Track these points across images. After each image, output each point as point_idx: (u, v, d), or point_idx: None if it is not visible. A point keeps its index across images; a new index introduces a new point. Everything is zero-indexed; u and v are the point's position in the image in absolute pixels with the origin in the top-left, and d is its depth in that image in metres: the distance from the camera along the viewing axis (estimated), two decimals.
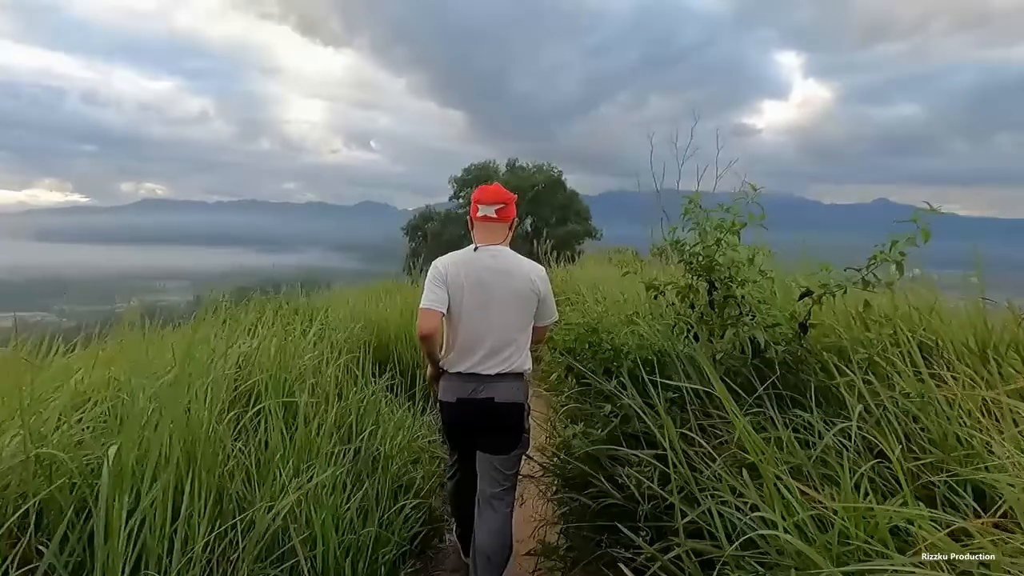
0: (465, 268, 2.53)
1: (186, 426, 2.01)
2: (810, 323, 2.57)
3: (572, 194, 30.89)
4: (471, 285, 2.51)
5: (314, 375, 3.18)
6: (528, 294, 2.55)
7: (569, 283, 8.05)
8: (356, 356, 4.16)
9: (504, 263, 2.56)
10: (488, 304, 2.51)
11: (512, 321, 2.54)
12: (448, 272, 2.53)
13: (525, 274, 2.56)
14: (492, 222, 2.60)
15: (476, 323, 2.52)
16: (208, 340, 3.11)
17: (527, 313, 2.59)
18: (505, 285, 2.52)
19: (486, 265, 2.53)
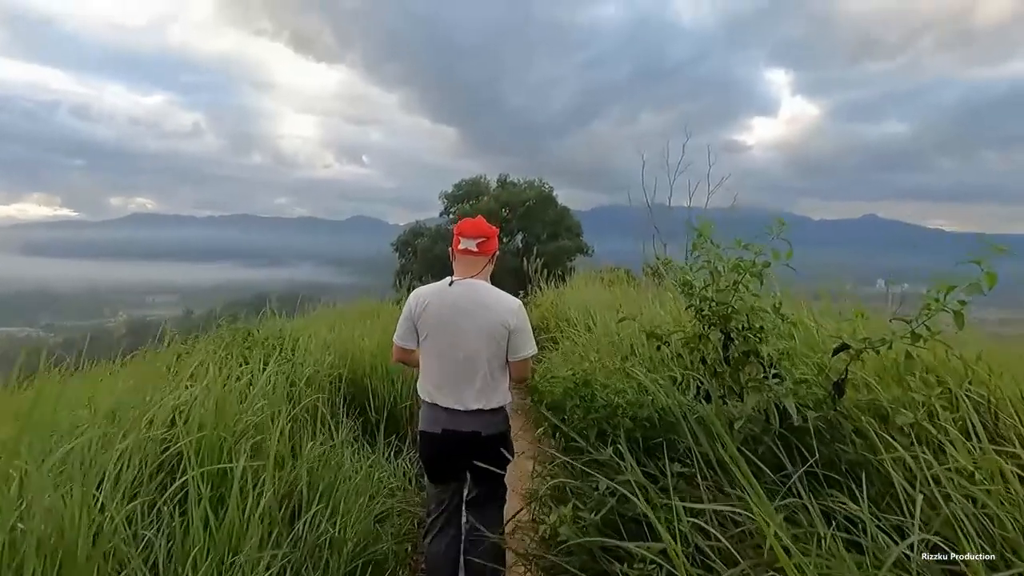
0: (437, 302, 2.58)
1: (71, 519, 1.58)
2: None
3: (563, 210, 30.64)
4: (441, 320, 2.56)
5: (261, 431, 2.69)
6: (498, 328, 2.54)
7: (560, 307, 7.61)
8: (322, 397, 3.82)
9: (476, 297, 2.57)
10: (458, 338, 2.54)
11: (483, 355, 2.54)
12: (419, 307, 2.61)
13: (496, 308, 2.56)
14: (472, 255, 2.64)
15: (447, 357, 2.57)
16: (143, 386, 2.76)
17: (498, 347, 2.56)
18: (475, 319, 2.54)
19: (457, 299, 2.57)
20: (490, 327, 2.53)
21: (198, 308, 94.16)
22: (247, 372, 3.46)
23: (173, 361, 4.16)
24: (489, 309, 2.55)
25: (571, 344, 5.61)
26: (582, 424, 2.67)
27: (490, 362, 2.55)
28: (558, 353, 5.84)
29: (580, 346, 5.39)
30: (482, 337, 2.53)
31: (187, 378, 3.30)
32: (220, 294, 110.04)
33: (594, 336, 5.34)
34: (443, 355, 2.56)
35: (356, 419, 4.34)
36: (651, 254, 11.86)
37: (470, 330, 2.53)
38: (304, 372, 4.01)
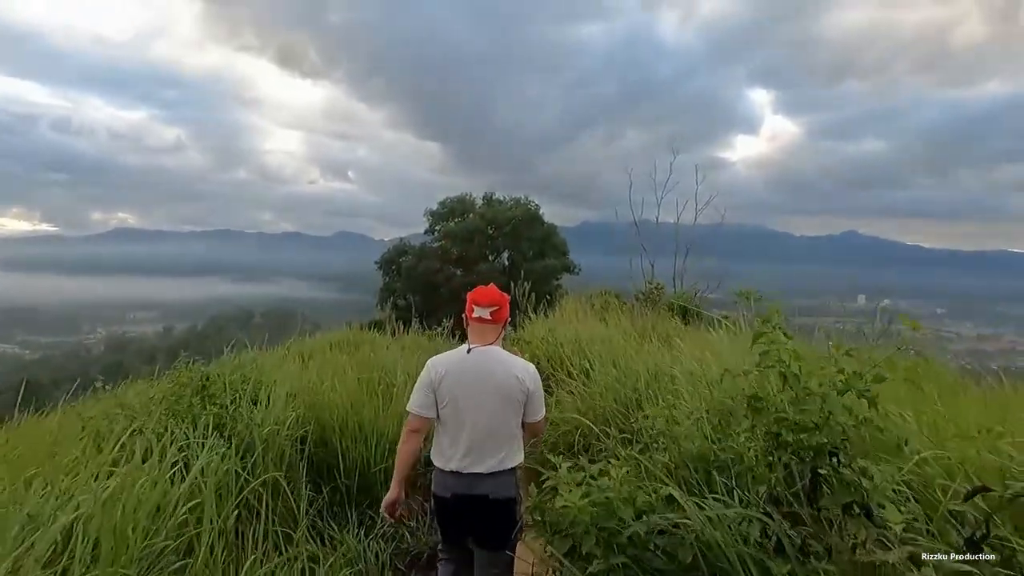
0: (456, 370, 2.67)
1: None
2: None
3: (550, 228, 30.69)
4: (460, 387, 2.64)
5: (177, 553, 2.21)
6: (517, 395, 2.66)
7: (552, 344, 7.03)
8: (287, 457, 3.50)
9: (494, 365, 2.68)
10: (477, 405, 2.63)
11: (501, 421, 2.65)
12: (438, 375, 2.67)
13: (514, 375, 2.66)
14: (486, 323, 2.74)
15: (466, 424, 2.63)
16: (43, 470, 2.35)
17: (516, 413, 2.68)
18: (494, 387, 2.64)
19: (476, 368, 2.66)
20: (509, 393, 2.64)
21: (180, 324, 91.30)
22: (193, 440, 3.11)
23: (99, 427, 3.59)
24: (507, 376, 2.66)
25: (568, 396, 5.07)
26: (602, 564, 2.03)
27: (507, 426, 2.67)
28: (553, 402, 5.23)
29: (579, 398, 4.92)
30: (501, 403, 2.64)
31: (106, 460, 2.82)
32: (203, 310, 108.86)
33: (594, 385, 4.88)
34: (461, 421, 2.64)
35: (324, 486, 3.92)
36: (638, 270, 11.94)
37: (490, 396, 2.63)
38: (261, 434, 3.55)
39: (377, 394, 4.67)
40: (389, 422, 4.37)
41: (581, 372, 5.42)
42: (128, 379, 6.08)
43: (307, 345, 8.90)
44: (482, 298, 2.78)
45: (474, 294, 2.81)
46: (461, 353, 2.72)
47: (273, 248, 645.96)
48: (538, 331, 8.00)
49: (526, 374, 2.70)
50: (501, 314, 2.79)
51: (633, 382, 4.36)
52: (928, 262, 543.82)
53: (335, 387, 4.72)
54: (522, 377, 2.67)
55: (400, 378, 5.24)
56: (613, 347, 5.76)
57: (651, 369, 4.35)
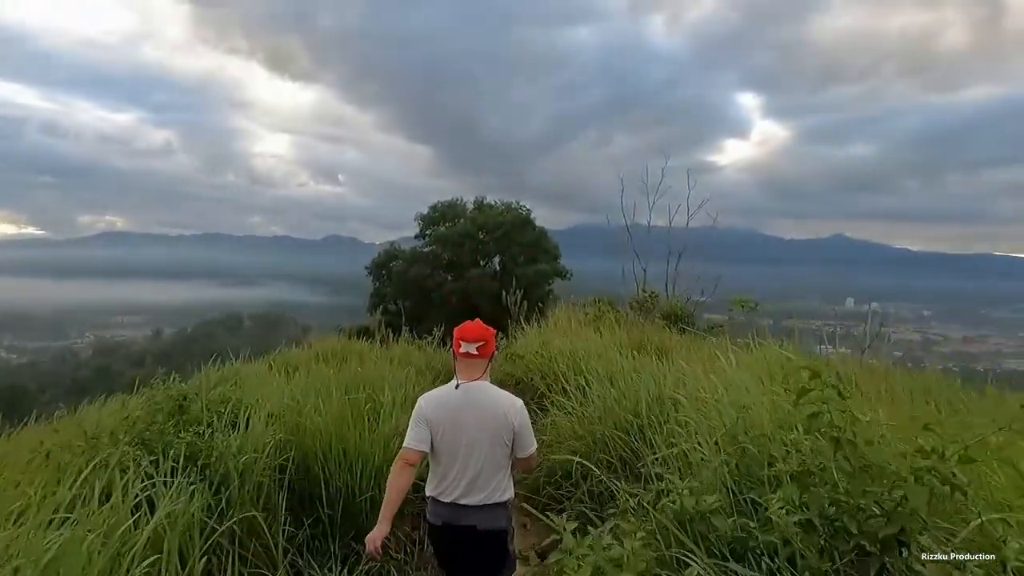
0: (447, 406, 2.75)
1: None
2: None
3: (541, 232, 30.46)
4: (451, 421, 2.72)
5: None
6: (505, 428, 2.73)
7: (546, 357, 6.71)
8: (265, 486, 3.26)
9: (481, 400, 2.75)
10: (468, 441, 2.70)
11: (489, 455, 2.71)
12: (430, 411, 2.75)
13: (501, 411, 2.73)
14: (473, 358, 2.79)
15: (457, 458, 2.70)
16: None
17: (504, 447, 2.75)
18: (482, 423, 2.71)
19: (465, 403, 2.73)
20: (497, 427, 2.72)
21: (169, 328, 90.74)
22: (161, 476, 2.87)
23: (59, 461, 3.27)
24: (495, 411, 2.73)
25: (565, 419, 4.81)
26: None
27: (495, 459, 2.73)
28: (548, 423, 5.09)
29: (576, 420, 4.66)
30: (489, 437, 2.71)
31: (63, 501, 2.55)
32: (192, 313, 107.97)
33: (591, 405, 4.65)
34: (452, 454, 2.71)
35: (306, 518, 3.68)
36: (631, 274, 12.01)
37: (478, 430, 2.70)
38: (238, 465, 3.29)
39: (363, 415, 4.42)
40: (376, 447, 4.13)
41: (577, 389, 5.17)
42: (115, 386, 5.83)
43: (293, 356, 8.64)
44: (468, 334, 2.83)
45: (460, 330, 2.86)
46: (450, 389, 2.79)
47: (263, 251, 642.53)
48: (531, 344, 7.72)
49: (512, 410, 2.76)
50: (487, 349, 2.83)
51: (633, 404, 4.13)
52: (915, 265, 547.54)
53: (319, 407, 4.45)
54: (509, 413, 2.74)
55: (388, 396, 4.98)
56: (609, 362, 5.54)
57: (652, 392, 4.12)
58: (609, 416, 4.20)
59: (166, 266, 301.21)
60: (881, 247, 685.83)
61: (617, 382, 4.65)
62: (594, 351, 6.33)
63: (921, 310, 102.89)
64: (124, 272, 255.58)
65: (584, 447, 4.08)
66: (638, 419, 3.92)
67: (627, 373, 4.93)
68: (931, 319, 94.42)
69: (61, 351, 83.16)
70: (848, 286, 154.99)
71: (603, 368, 5.36)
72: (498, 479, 2.75)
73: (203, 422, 3.85)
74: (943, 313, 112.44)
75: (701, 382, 3.75)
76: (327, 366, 7.58)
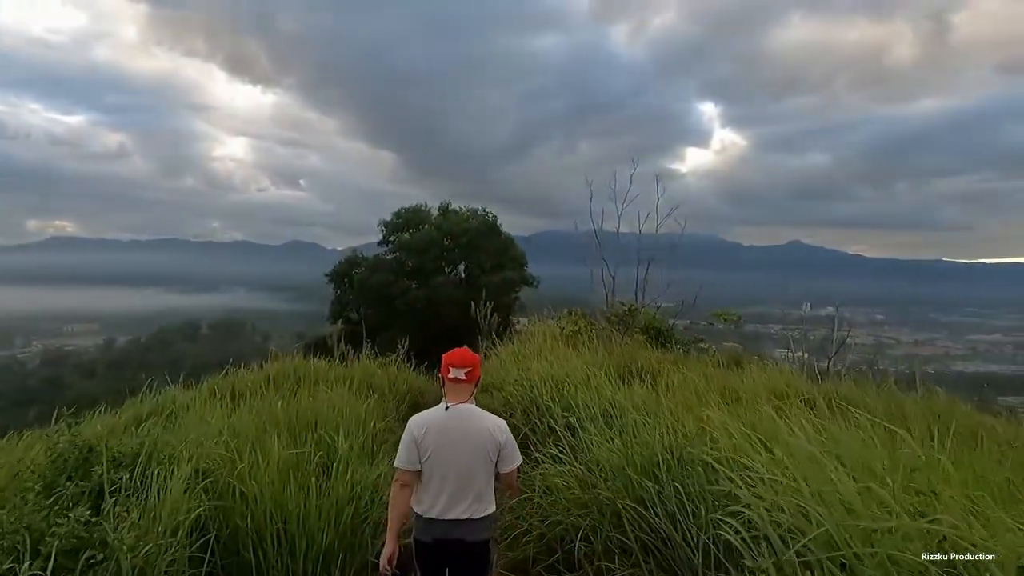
0: (436, 427, 2.88)
1: None
2: None
3: (507, 239, 29.92)
4: (441, 442, 2.85)
5: None
6: (491, 448, 2.89)
7: (525, 387, 5.90)
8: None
9: (470, 421, 2.91)
10: (456, 459, 2.84)
11: (476, 473, 2.86)
12: (420, 432, 2.87)
13: (488, 431, 2.90)
14: (462, 383, 2.95)
15: (446, 475, 2.84)
16: None
17: (489, 464, 2.90)
18: (470, 442, 2.87)
19: (454, 424, 2.88)
20: (484, 445, 2.87)
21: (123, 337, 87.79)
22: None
23: None
24: (482, 431, 2.89)
25: (559, 475, 3.99)
26: None
27: (482, 476, 2.89)
28: (538, 476, 4.23)
29: (577, 487, 3.80)
30: (476, 456, 2.86)
31: None
32: (147, 321, 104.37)
33: (588, 453, 3.94)
34: (442, 473, 2.84)
35: None
36: (599, 281, 11.56)
37: (466, 450, 2.85)
38: (136, 561, 2.52)
39: (312, 474, 3.63)
40: (326, 519, 3.34)
41: (566, 428, 4.44)
42: (65, 397, 4.91)
43: (240, 380, 7.72)
44: (457, 360, 2.98)
45: (450, 357, 3.00)
46: (440, 411, 2.92)
47: (221, 257, 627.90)
48: (507, 368, 6.87)
49: (498, 429, 2.93)
50: (474, 374, 3.00)
51: (645, 458, 3.39)
52: (869, 271, 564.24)
53: (258, 464, 3.60)
54: (495, 432, 2.91)
55: (343, 445, 4.18)
56: (599, 393, 4.84)
57: (667, 443, 3.41)
58: (618, 477, 3.45)
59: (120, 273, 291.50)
60: (836, 253, 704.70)
61: (613, 421, 3.97)
62: (579, 377, 5.61)
63: (874, 314, 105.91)
64: (75, 279, 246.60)
65: (589, 520, 3.34)
66: (657, 484, 3.18)
67: (622, 408, 4.26)
68: (884, 323, 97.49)
69: (7, 361, 79.25)
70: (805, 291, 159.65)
71: (593, 401, 4.66)
72: (486, 494, 2.91)
73: (106, 484, 3.03)
74: (895, 317, 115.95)
75: (729, 430, 3.08)
76: (277, 392, 6.76)
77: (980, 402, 6.19)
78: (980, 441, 3.63)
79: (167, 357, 74.98)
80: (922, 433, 2.55)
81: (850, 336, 9.34)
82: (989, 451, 3.23)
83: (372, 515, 3.73)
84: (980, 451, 3.19)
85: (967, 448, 3.03)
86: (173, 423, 5.25)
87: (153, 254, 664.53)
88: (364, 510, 3.72)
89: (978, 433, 4.12)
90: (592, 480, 3.57)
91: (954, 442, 2.56)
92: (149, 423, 5.53)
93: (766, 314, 33.18)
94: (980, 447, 3.38)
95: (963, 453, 2.72)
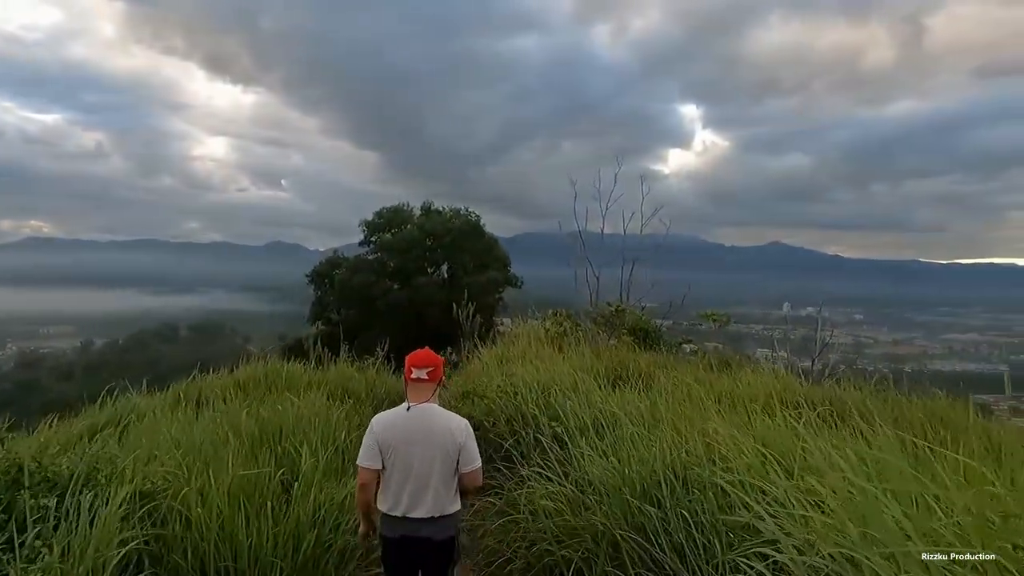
0: (397, 426, 2.94)
1: None
2: None
3: (491, 240, 29.57)
4: (402, 441, 2.91)
5: None
6: (451, 445, 2.92)
7: (509, 394, 5.49)
8: None
9: (431, 420, 2.96)
10: (418, 458, 2.89)
11: (439, 471, 2.91)
12: (382, 431, 2.94)
13: (449, 431, 2.95)
14: (423, 383, 3.00)
15: (410, 475, 2.88)
16: None
17: (451, 461, 2.93)
18: (431, 441, 2.91)
19: (416, 424, 2.93)
20: (445, 446, 2.91)
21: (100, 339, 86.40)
22: None
23: None
24: (444, 431, 2.94)
25: (547, 497, 3.59)
26: None
27: (444, 475, 2.92)
28: (523, 497, 3.85)
29: (565, 501, 3.47)
30: (438, 454, 2.90)
31: None
32: (124, 323, 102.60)
33: (578, 470, 3.60)
34: (404, 471, 2.89)
35: None
36: (583, 281, 11.44)
37: (427, 449, 2.90)
38: None
39: (269, 497, 3.23)
40: (284, 547, 2.97)
41: (553, 440, 4.06)
42: (40, 400, 4.50)
43: (208, 386, 7.27)
44: (419, 361, 3.03)
45: (412, 358, 3.05)
46: (402, 410, 2.98)
47: (201, 258, 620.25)
48: (490, 373, 6.44)
49: (459, 429, 2.98)
50: (436, 374, 3.05)
51: (645, 476, 3.03)
52: (847, 271, 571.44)
53: (211, 483, 3.19)
54: (455, 432, 2.95)
55: (306, 463, 3.77)
56: (589, 399, 4.48)
57: (669, 461, 3.04)
58: (614, 500, 3.04)
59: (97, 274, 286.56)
60: (815, 254, 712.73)
61: (606, 433, 3.61)
62: (567, 382, 5.24)
63: (853, 314, 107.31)
64: (51, 280, 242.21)
65: (582, 550, 2.97)
66: (659, 510, 2.78)
67: (614, 418, 3.91)
68: (862, 323, 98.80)
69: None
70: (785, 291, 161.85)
71: (583, 409, 4.30)
72: (448, 493, 2.95)
73: (28, 511, 2.60)
74: (873, 317, 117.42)
75: (740, 447, 2.72)
76: (247, 397, 6.35)
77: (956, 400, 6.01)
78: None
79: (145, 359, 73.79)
80: (969, 452, 2.22)
81: (832, 336, 9.20)
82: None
83: (337, 543, 3.35)
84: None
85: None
86: (129, 434, 4.84)
87: (131, 255, 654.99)
88: (328, 536, 3.33)
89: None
90: (584, 501, 3.19)
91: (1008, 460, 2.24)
92: (105, 433, 5.13)
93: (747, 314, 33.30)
94: None
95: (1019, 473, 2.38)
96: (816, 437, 2.53)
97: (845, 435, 2.80)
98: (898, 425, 4.03)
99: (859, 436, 2.79)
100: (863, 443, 2.56)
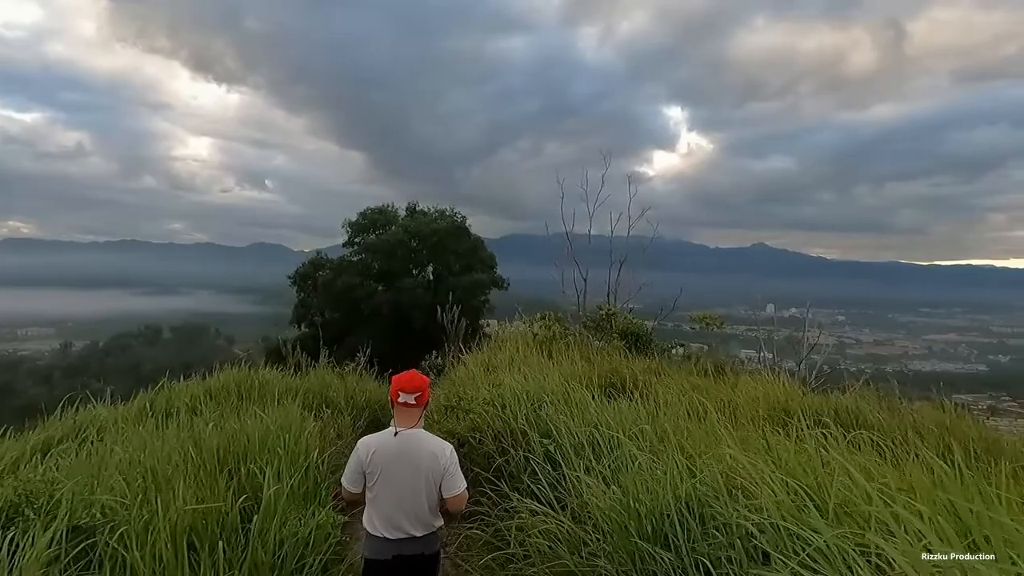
0: (384, 450, 2.99)
1: None
2: None
3: (477, 241, 29.18)
4: (388, 465, 2.97)
5: None
6: (436, 471, 2.97)
7: (496, 407, 5.08)
8: None
9: (416, 445, 2.99)
10: (403, 481, 2.94)
11: (424, 494, 2.96)
12: (368, 454, 2.99)
13: (433, 455, 2.99)
14: (411, 407, 3.04)
15: (392, 497, 2.95)
16: None
17: (435, 485, 2.98)
18: (416, 464, 2.96)
19: (402, 449, 2.98)
20: (429, 471, 2.94)
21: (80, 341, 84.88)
22: None
23: None
24: (429, 456, 2.96)
25: (542, 533, 3.27)
26: None
27: (429, 498, 2.96)
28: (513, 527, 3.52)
29: (563, 537, 3.14)
30: (423, 479, 2.93)
31: None
32: (105, 325, 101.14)
33: (576, 497, 3.27)
34: (391, 494, 2.94)
35: None
36: (570, 283, 11.19)
37: (413, 473, 2.93)
38: None
39: (225, 529, 2.86)
40: None
41: (546, 461, 3.71)
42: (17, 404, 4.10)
43: (177, 394, 6.83)
44: (407, 385, 3.03)
45: (399, 381, 3.05)
46: (389, 435, 3.00)
47: (184, 259, 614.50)
48: (477, 383, 6.03)
49: (444, 454, 2.99)
50: (423, 398, 3.06)
51: (654, 508, 2.63)
52: (829, 272, 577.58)
53: (158, 516, 2.79)
54: (439, 456, 2.98)
55: (269, 491, 3.36)
56: (583, 412, 4.14)
57: (681, 494, 2.65)
58: (619, 539, 2.65)
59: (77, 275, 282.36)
60: (799, 255, 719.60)
61: (603, 452, 3.26)
62: (558, 391, 4.88)
63: (835, 315, 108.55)
64: (30, 281, 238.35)
65: None
66: (675, 556, 2.37)
67: (611, 433, 3.58)
68: (844, 324, 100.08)
69: None
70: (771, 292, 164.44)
71: (577, 423, 3.95)
72: (434, 511, 3.00)
73: None
74: (855, 318, 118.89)
75: (764, 479, 2.35)
76: (218, 407, 5.97)
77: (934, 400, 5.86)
78: None
79: (126, 362, 72.70)
80: None
81: (819, 338, 9.23)
82: None
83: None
84: None
85: None
86: (83, 451, 4.44)
87: (112, 256, 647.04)
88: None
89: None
90: (584, 537, 2.83)
91: None
92: (60, 448, 4.73)
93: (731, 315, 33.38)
94: None
95: None
96: (848, 462, 2.19)
97: (875, 458, 2.46)
98: (922, 440, 3.74)
99: (895, 459, 2.46)
100: (921, 473, 2.19)
